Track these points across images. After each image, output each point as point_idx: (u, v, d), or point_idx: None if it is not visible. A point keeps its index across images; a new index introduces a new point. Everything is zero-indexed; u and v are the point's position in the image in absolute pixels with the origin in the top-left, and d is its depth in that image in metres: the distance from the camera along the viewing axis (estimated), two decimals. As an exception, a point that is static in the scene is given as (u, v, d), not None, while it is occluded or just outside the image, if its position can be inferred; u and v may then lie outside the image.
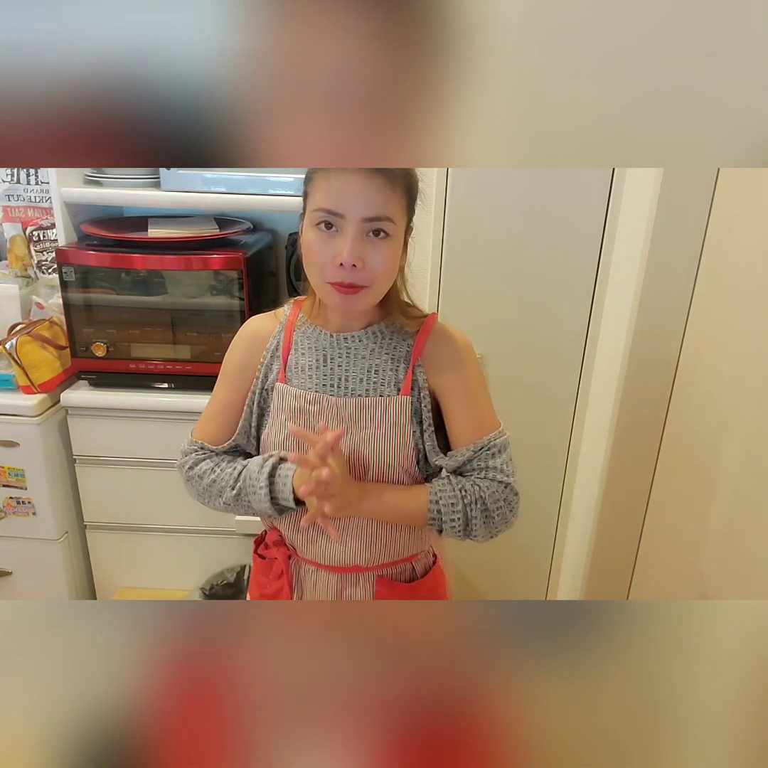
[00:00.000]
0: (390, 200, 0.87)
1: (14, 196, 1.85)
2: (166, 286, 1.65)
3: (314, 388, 0.99)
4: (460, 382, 1.01)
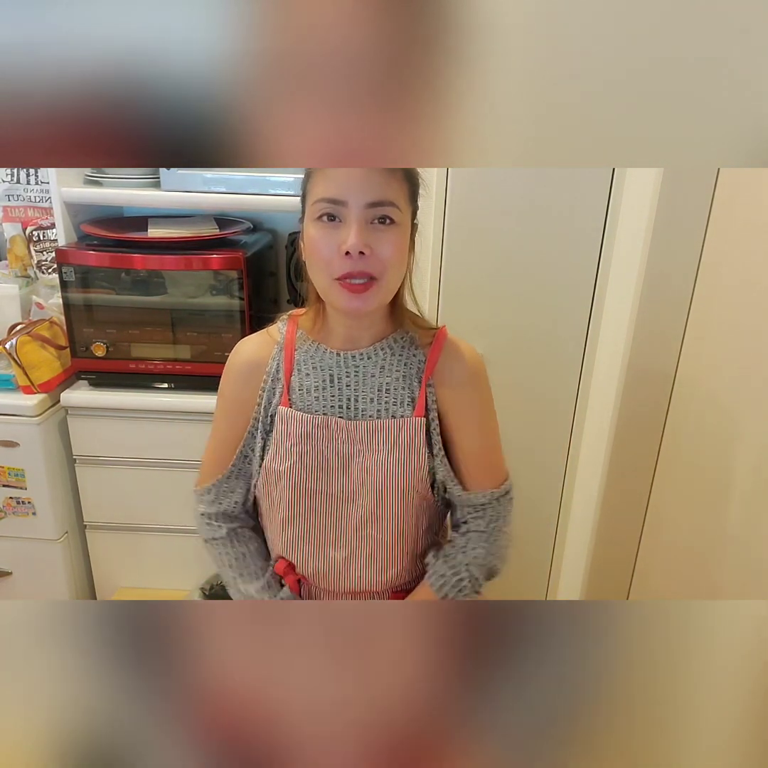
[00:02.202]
0: (391, 185, 0.83)
1: (14, 196, 1.85)
2: (166, 286, 1.65)
3: (321, 411, 0.93)
4: (471, 411, 0.96)
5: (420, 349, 0.95)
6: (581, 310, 1.57)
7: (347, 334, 0.94)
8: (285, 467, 0.94)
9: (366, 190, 0.82)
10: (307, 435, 0.93)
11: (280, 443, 0.94)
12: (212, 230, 1.70)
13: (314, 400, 0.94)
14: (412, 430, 0.92)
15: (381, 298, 0.87)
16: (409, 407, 0.93)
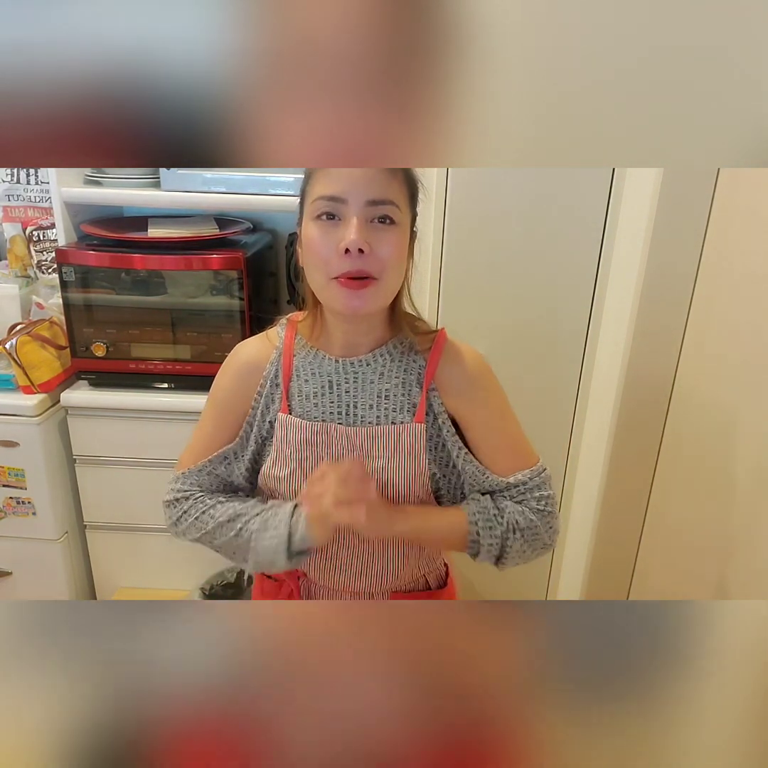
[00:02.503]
0: (392, 185, 0.82)
1: (14, 196, 1.85)
2: (166, 286, 1.65)
3: (320, 417, 0.93)
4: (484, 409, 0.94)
5: (419, 354, 0.94)
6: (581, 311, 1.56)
7: (345, 340, 0.93)
8: (285, 473, 0.93)
9: (367, 187, 0.81)
10: (307, 441, 0.92)
11: (280, 450, 0.94)
12: (212, 230, 1.70)
13: (313, 407, 0.93)
14: (412, 436, 0.92)
15: (379, 299, 0.86)
16: (409, 414, 0.93)
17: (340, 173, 0.81)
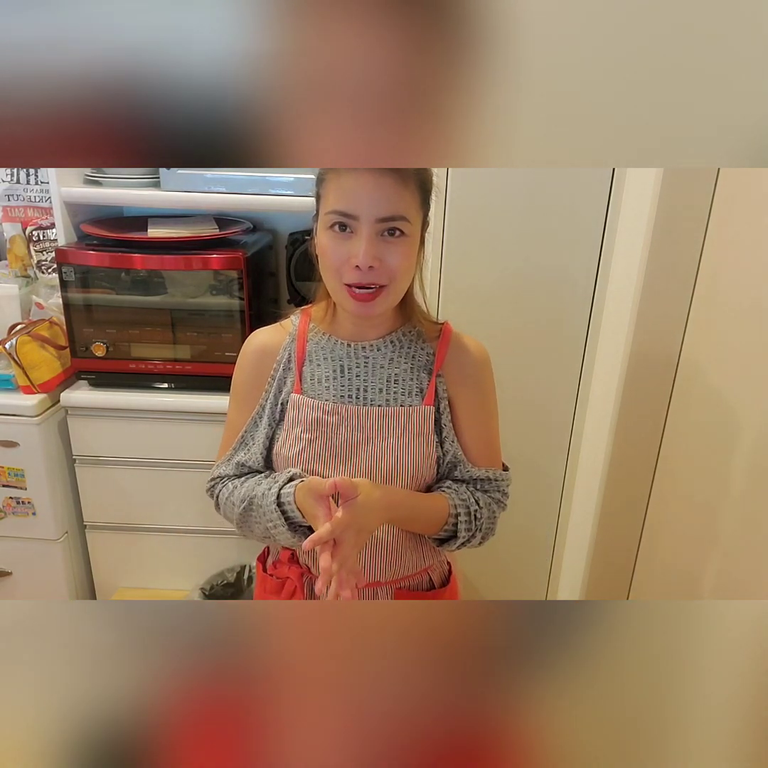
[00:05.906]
0: (403, 198, 0.85)
1: (14, 196, 1.85)
2: (166, 286, 1.65)
3: (332, 399, 0.96)
4: (479, 399, 1.00)
5: (427, 342, 0.99)
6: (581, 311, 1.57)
7: (355, 329, 0.98)
8: (294, 452, 0.96)
9: (377, 204, 0.84)
10: (318, 421, 0.96)
11: (290, 429, 0.97)
12: (212, 230, 1.70)
13: (325, 390, 0.97)
14: (422, 418, 0.96)
15: (388, 303, 0.91)
16: (418, 397, 0.97)
17: (352, 187, 0.84)
